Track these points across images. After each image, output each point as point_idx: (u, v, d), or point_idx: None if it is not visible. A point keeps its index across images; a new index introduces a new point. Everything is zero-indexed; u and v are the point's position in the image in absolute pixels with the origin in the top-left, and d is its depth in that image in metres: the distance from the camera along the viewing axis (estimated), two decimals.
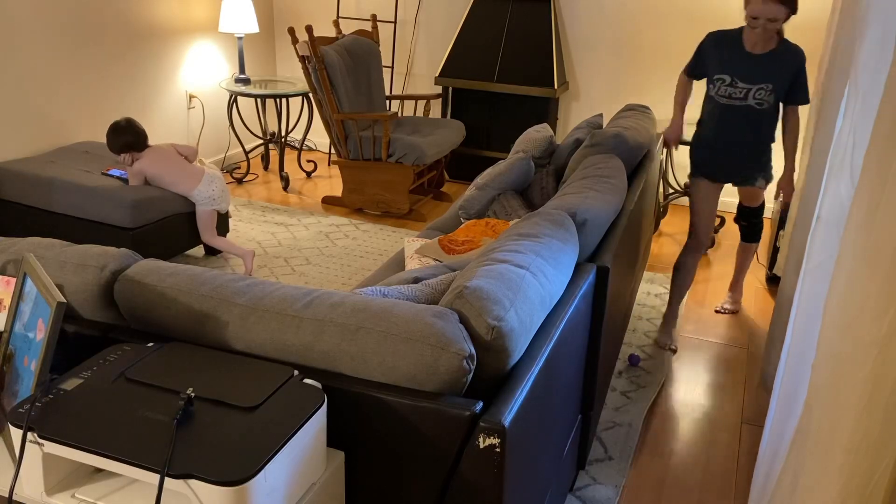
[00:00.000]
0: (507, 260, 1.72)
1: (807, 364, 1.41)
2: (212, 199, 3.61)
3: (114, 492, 1.30)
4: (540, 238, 1.90)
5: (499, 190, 3.04)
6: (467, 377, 1.43)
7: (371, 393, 1.43)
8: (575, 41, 4.88)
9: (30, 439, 1.25)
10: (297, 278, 3.67)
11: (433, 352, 1.41)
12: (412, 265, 2.51)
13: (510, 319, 1.52)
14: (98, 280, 1.65)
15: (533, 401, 1.54)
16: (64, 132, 4.05)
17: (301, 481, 1.33)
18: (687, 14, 4.57)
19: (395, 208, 4.50)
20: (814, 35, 4.29)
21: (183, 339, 1.59)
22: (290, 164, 5.31)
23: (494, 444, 1.36)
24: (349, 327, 1.48)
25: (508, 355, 1.51)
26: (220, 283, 1.61)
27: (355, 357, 1.46)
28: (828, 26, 3.44)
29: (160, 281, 1.63)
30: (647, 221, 3.28)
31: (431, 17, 5.18)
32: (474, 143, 5.01)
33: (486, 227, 2.68)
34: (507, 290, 1.57)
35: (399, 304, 1.52)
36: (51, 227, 3.48)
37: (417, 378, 1.43)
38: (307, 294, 1.57)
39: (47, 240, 1.81)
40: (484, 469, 1.38)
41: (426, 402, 1.40)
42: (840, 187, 1.29)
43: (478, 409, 1.38)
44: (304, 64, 4.30)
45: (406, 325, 1.45)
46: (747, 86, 2.91)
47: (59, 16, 3.90)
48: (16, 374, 1.46)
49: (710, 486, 2.38)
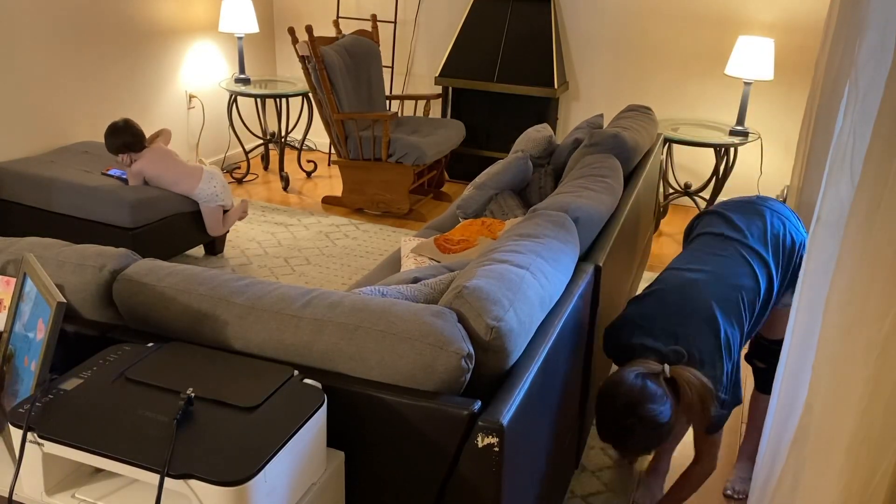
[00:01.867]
0: (508, 260, 1.72)
1: (807, 365, 1.40)
2: (214, 195, 3.61)
3: (114, 492, 1.30)
4: (540, 238, 1.90)
5: (496, 189, 3.04)
6: (466, 376, 1.44)
7: (369, 392, 1.43)
8: (575, 41, 4.88)
9: (30, 439, 1.25)
10: (297, 278, 3.67)
11: (431, 351, 1.41)
12: (408, 264, 2.51)
13: (509, 320, 1.52)
14: (97, 280, 1.65)
15: (531, 400, 1.54)
16: (64, 132, 4.05)
17: (301, 481, 1.32)
18: (688, 14, 4.57)
19: (395, 208, 4.50)
20: (813, 35, 4.30)
21: (181, 339, 1.59)
22: (290, 164, 5.30)
23: (493, 444, 1.36)
24: (348, 327, 1.48)
25: (507, 355, 1.51)
26: (218, 282, 1.61)
27: (354, 356, 1.46)
28: (826, 26, 3.44)
29: (159, 280, 1.62)
30: (645, 221, 3.27)
31: (431, 17, 5.18)
32: (474, 143, 5.01)
33: (483, 226, 2.68)
34: (507, 291, 1.57)
35: (398, 303, 1.52)
36: (51, 227, 3.48)
37: (416, 377, 1.43)
38: (306, 294, 1.57)
39: (46, 240, 1.80)
40: (482, 468, 1.38)
41: (424, 402, 1.40)
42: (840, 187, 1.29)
43: (476, 409, 1.39)
44: (304, 64, 4.29)
45: (404, 325, 1.45)
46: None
47: (59, 16, 3.90)
48: (16, 374, 1.46)
49: (710, 485, 2.38)
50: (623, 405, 1.75)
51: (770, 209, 2.22)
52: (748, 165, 4.63)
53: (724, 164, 4.31)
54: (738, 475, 2.39)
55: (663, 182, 4.49)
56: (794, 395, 1.49)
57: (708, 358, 1.88)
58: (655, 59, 4.73)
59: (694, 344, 1.88)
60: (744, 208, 2.24)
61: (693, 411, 1.81)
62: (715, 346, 1.90)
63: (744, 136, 4.26)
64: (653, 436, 1.78)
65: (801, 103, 4.43)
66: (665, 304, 1.97)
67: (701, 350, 1.88)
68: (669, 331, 1.90)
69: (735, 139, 4.23)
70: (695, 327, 1.91)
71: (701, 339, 1.89)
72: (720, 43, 4.53)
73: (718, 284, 1.99)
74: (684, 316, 1.92)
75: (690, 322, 1.91)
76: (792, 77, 4.43)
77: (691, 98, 4.73)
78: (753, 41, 4.11)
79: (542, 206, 2.20)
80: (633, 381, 1.76)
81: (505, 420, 1.37)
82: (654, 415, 1.74)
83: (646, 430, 1.76)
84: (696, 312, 1.93)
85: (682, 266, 2.09)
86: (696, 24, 4.57)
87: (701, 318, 1.92)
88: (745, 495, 2.34)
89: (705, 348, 1.89)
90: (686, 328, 1.90)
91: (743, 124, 4.29)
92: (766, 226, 2.16)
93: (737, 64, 4.16)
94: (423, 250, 2.54)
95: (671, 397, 1.77)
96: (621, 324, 2.00)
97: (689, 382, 1.79)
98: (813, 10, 4.32)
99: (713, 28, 4.56)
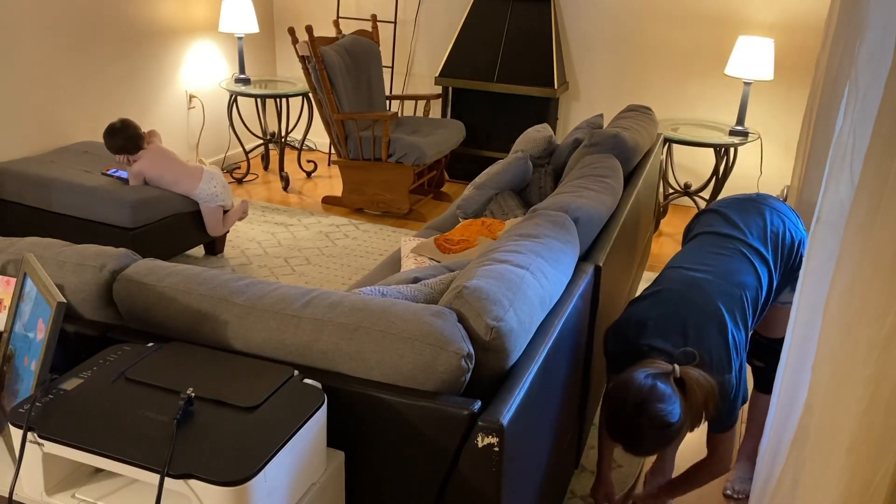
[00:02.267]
0: (508, 260, 1.72)
1: (807, 365, 1.40)
2: (214, 195, 3.61)
3: (114, 492, 1.30)
4: (541, 238, 1.90)
5: (496, 189, 3.05)
6: (466, 376, 1.43)
7: (370, 392, 1.43)
8: (575, 41, 4.88)
9: (30, 439, 1.25)
10: (297, 278, 3.67)
11: (431, 351, 1.41)
12: (408, 264, 2.51)
13: (509, 320, 1.51)
14: (97, 280, 1.65)
15: (531, 400, 1.54)
16: (64, 132, 4.05)
17: (301, 481, 1.32)
18: (688, 14, 4.57)
19: (395, 208, 4.50)
20: (813, 35, 4.29)
21: (181, 339, 1.59)
22: (290, 164, 5.30)
23: (493, 444, 1.36)
24: (348, 327, 1.48)
25: (507, 355, 1.51)
26: (218, 282, 1.61)
27: (354, 356, 1.46)
28: (826, 26, 3.44)
29: (158, 280, 1.63)
30: (645, 221, 3.27)
31: (431, 17, 5.18)
32: (474, 143, 5.01)
33: (483, 226, 2.68)
34: (507, 291, 1.57)
35: (398, 303, 1.52)
36: (51, 227, 3.48)
37: (416, 377, 1.43)
38: (306, 294, 1.57)
39: (46, 239, 1.81)
40: (482, 468, 1.38)
41: (424, 402, 1.40)
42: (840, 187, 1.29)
43: (476, 409, 1.39)
44: (304, 64, 4.30)
45: (404, 325, 1.45)
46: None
47: (59, 16, 3.90)
48: (16, 374, 1.46)
49: (710, 486, 2.38)
50: (633, 405, 1.75)
51: (769, 207, 2.22)
52: (748, 165, 4.63)
53: (724, 164, 4.31)
54: (738, 475, 2.38)
55: (663, 182, 4.49)
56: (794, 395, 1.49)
57: (717, 358, 1.88)
58: (655, 59, 4.73)
59: (703, 344, 1.88)
60: (743, 206, 2.23)
61: (699, 412, 1.82)
62: (724, 346, 1.90)
63: (744, 136, 4.26)
64: (662, 435, 1.78)
65: (801, 103, 4.43)
66: (671, 303, 1.96)
67: (710, 350, 1.88)
68: (678, 331, 1.90)
69: (735, 139, 4.23)
70: (703, 328, 1.90)
71: (710, 339, 1.89)
72: (720, 43, 4.53)
73: (722, 283, 1.98)
74: (692, 316, 1.92)
75: (698, 322, 1.91)
76: (792, 77, 4.43)
77: (691, 98, 4.73)
78: (753, 41, 4.11)
79: (543, 206, 2.20)
80: (643, 381, 1.75)
81: (505, 420, 1.37)
82: (664, 415, 1.74)
83: (655, 430, 1.76)
84: (703, 313, 1.92)
85: (684, 265, 2.08)
86: (696, 24, 4.57)
87: (708, 318, 1.91)
88: (745, 495, 2.33)
89: (714, 349, 1.89)
90: (695, 329, 1.90)
91: (743, 124, 4.29)
92: (765, 224, 2.15)
93: (737, 64, 4.16)
94: (423, 250, 2.55)
95: (680, 397, 1.77)
96: (626, 324, 1.99)
97: (698, 383, 1.79)
98: (813, 10, 4.31)
99: (713, 28, 4.56)
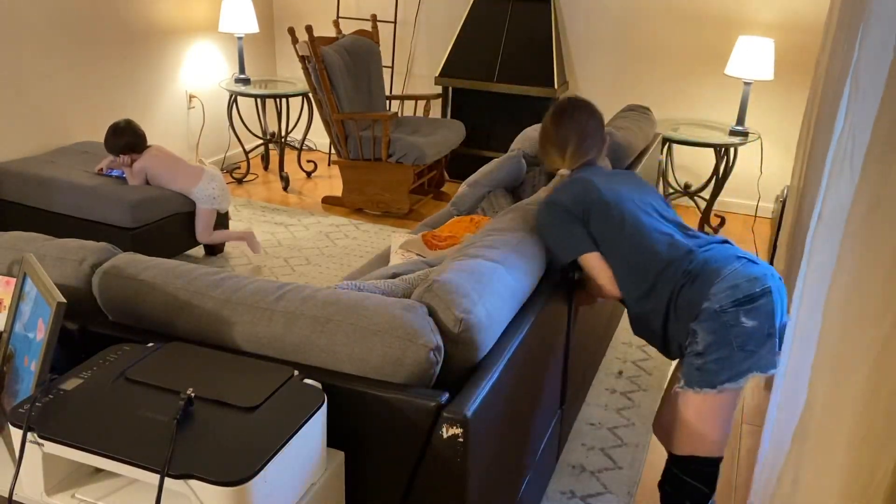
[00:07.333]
0: (481, 255, 1.76)
1: (807, 364, 1.40)
2: (212, 197, 3.61)
3: (114, 492, 1.30)
4: (516, 233, 1.92)
5: (489, 187, 3.06)
6: (435, 369, 1.46)
7: (340, 384, 1.46)
8: (575, 41, 4.88)
9: (30, 439, 1.25)
10: (297, 278, 3.67)
11: (401, 344, 1.44)
12: (396, 260, 2.53)
13: (478, 312, 1.54)
14: (76, 273, 1.68)
15: (499, 392, 1.56)
16: (64, 132, 4.05)
17: (301, 481, 1.33)
18: (688, 14, 4.57)
19: (395, 208, 4.50)
20: (813, 35, 4.30)
21: (158, 332, 1.62)
22: (290, 164, 5.30)
23: (457, 434, 1.39)
24: (319, 320, 1.50)
25: (477, 347, 1.54)
26: (195, 276, 1.64)
27: (325, 349, 1.49)
28: (826, 26, 3.44)
29: (137, 274, 1.65)
30: None
31: (431, 17, 5.18)
32: (474, 143, 5.01)
33: (471, 223, 2.69)
34: (476, 284, 1.60)
35: (369, 297, 1.54)
36: (51, 227, 3.48)
37: (385, 370, 1.45)
38: (280, 287, 1.60)
39: (28, 234, 1.83)
40: (448, 458, 1.41)
41: (394, 394, 1.43)
42: (840, 187, 1.29)
43: (443, 400, 1.41)
44: (304, 64, 4.29)
45: (374, 318, 1.48)
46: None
47: (59, 16, 3.90)
48: (16, 374, 1.46)
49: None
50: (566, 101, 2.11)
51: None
52: (748, 165, 4.63)
53: (724, 164, 4.31)
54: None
55: (663, 182, 4.49)
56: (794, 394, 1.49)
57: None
58: (655, 59, 4.73)
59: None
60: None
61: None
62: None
63: (744, 136, 4.26)
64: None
65: (801, 103, 4.43)
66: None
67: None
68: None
69: (735, 139, 4.23)
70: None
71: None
72: (720, 43, 4.53)
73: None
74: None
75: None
76: (792, 77, 4.43)
77: (691, 98, 4.73)
78: (753, 41, 4.11)
79: (525, 203, 2.21)
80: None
81: (469, 412, 1.39)
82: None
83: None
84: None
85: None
86: (696, 24, 4.57)
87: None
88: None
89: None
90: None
91: (743, 124, 4.29)
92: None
93: (737, 64, 4.16)
94: (411, 246, 2.57)
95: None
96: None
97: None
98: (813, 10, 4.32)
99: (713, 28, 4.56)
